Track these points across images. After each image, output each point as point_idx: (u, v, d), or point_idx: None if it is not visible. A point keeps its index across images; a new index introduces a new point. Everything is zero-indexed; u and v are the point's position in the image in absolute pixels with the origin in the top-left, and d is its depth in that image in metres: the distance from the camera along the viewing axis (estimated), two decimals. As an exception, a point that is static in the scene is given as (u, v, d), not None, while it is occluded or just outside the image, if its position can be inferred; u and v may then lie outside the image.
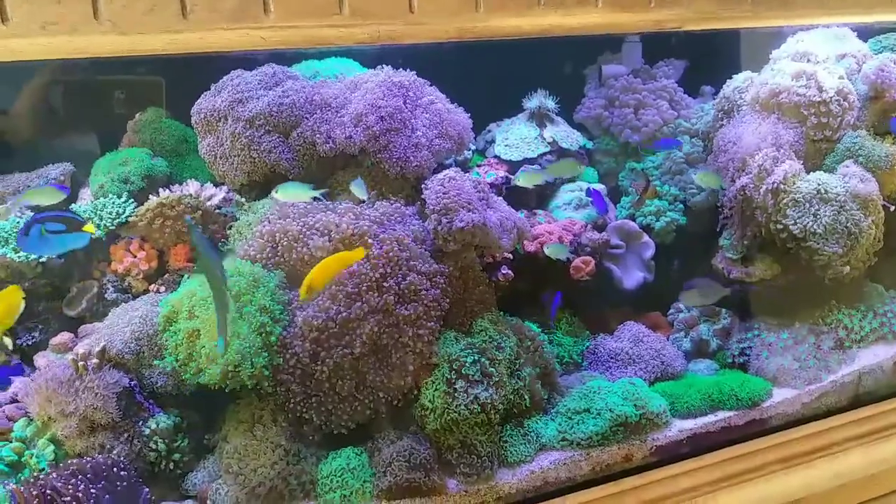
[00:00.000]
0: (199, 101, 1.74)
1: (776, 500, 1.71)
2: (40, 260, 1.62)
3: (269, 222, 1.55)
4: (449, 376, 1.51)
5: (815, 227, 1.83)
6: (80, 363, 1.40)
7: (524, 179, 1.91)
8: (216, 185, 1.81)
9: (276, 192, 1.58)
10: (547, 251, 1.80)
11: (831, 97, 1.90)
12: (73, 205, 1.77)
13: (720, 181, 1.93)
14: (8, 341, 1.52)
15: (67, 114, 1.91)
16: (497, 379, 1.54)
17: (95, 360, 1.41)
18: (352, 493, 1.43)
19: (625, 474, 1.62)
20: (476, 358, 1.53)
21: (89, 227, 1.42)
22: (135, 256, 1.68)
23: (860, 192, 1.86)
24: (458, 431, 1.51)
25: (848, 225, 1.84)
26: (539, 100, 2.12)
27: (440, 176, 1.62)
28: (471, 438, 1.52)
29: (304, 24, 1.18)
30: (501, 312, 1.70)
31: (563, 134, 2.11)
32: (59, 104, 1.90)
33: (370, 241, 1.52)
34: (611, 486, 1.59)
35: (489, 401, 1.50)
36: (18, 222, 1.66)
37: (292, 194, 1.58)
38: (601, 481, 1.59)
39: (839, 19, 1.92)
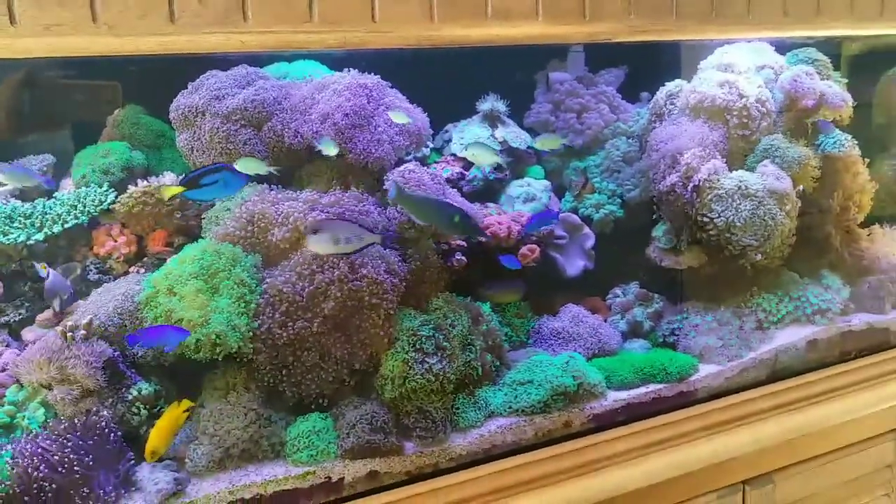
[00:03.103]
0: (177, 98, 1.87)
1: (704, 461, 1.86)
2: (27, 243, 1.73)
3: (250, 203, 1.70)
4: (407, 348, 1.66)
5: (736, 220, 2.03)
6: (69, 334, 1.52)
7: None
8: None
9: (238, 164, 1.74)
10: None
11: (751, 103, 2.12)
12: (56, 193, 1.89)
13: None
14: None
15: (42, 111, 2.02)
16: (450, 351, 1.70)
17: (83, 332, 1.54)
18: (318, 452, 1.57)
19: (565, 439, 1.76)
20: (431, 333, 1.69)
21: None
22: (115, 241, 1.81)
23: (777, 189, 2.07)
24: (415, 399, 1.66)
25: (765, 218, 2.04)
26: (491, 103, 2.29)
27: (400, 168, 1.79)
28: (426, 405, 1.66)
29: (278, 30, 1.33)
30: (455, 294, 1.87)
31: (513, 134, 2.28)
32: (33, 102, 2.01)
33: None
34: (552, 449, 1.73)
35: (442, 371, 1.66)
36: (4, 208, 1.78)
37: (250, 167, 1.75)
38: (543, 445, 1.74)
39: (759, 34, 2.12)
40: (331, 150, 1.76)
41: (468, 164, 2.20)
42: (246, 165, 1.72)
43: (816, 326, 2.15)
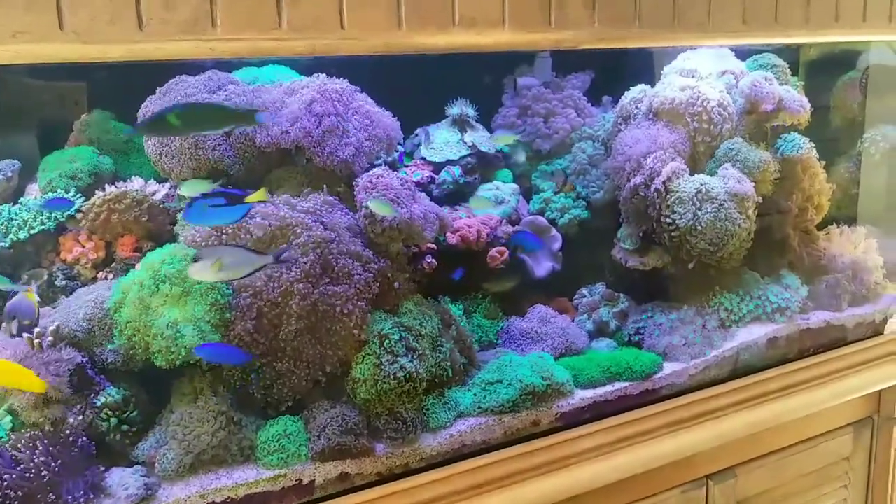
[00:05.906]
0: (146, 103, 1.87)
1: (669, 457, 1.92)
2: (-6, 249, 1.73)
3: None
4: (378, 351, 1.67)
5: (697, 223, 2.08)
6: (36, 340, 1.52)
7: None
8: (159, 181, 1.95)
9: (181, 188, 1.76)
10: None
11: (712, 108, 2.17)
12: (21, 198, 1.88)
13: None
14: None
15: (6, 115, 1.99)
16: (421, 352, 1.72)
17: (50, 338, 1.53)
18: (288, 455, 1.57)
19: (533, 437, 1.79)
20: (402, 335, 1.71)
21: (259, 195, 1.53)
22: (83, 246, 1.80)
23: (738, 192, 2.12)
24: (386, 400, 1.67)
25: (726, 222, 2.09)
26: (460, 107, 2.32)
27: (369, 173, 1.80)
28: (397, 407, 1.67)
29: (247, 37, 1.33)
30: (425, 296, 1.89)
31: (482, 139, 2.32)
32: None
33: (298, 229, 1.69)
34: (521, 448, 1.76)
35: (414, 371, 1.68)
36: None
37: (194, 188, 1.75)
38: (512, 443, 1.77)
39: (719, 42, 2.18)
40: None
41: (438, 168, 2.23)
42: (191, 188, 1.74)
43: (776, 324, 2.19)
